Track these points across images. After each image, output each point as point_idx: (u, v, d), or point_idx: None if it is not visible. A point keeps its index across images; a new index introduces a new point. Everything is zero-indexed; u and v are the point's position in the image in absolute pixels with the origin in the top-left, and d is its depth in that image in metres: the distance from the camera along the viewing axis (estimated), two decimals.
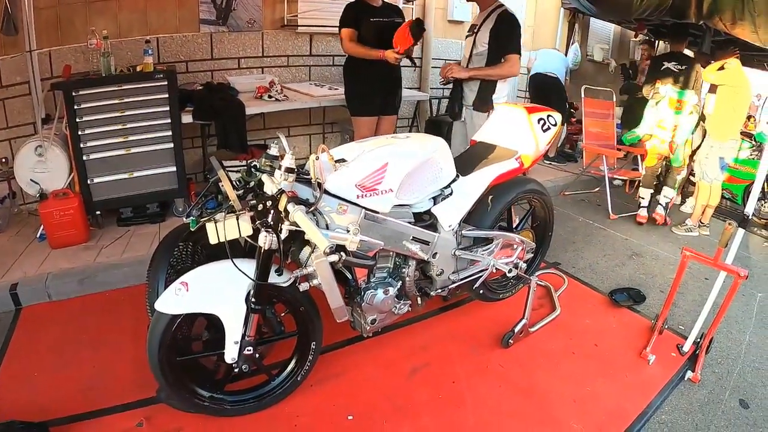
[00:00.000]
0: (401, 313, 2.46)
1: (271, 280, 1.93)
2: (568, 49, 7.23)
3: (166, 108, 3.58)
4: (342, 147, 2.33)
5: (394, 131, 4.09)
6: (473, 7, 4.89)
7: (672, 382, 2.58)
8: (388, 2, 3.90)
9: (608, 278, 3.66)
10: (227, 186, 1.92)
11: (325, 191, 1.97)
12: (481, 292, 2.88)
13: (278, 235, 1.81)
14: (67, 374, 2.36)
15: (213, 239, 1.85)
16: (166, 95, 3.56)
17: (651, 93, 4.93)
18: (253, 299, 1.93)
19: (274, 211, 1.80)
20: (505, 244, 2.79)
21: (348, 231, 1.95)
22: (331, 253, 1.66)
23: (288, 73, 4.99)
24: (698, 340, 2.77)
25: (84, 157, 3.44)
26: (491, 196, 2.69)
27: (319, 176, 1.94)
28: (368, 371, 2.51)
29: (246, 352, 1.99)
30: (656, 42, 7.94)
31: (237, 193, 1.94)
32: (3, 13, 3.25)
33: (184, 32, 4.31)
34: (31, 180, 3.55)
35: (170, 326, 1.88)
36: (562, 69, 6.34)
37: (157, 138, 3.62)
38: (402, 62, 3.68)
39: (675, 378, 2.61)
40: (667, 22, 5.80)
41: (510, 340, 2.73)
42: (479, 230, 2.64)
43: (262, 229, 1.81)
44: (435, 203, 2.44)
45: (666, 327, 2.95)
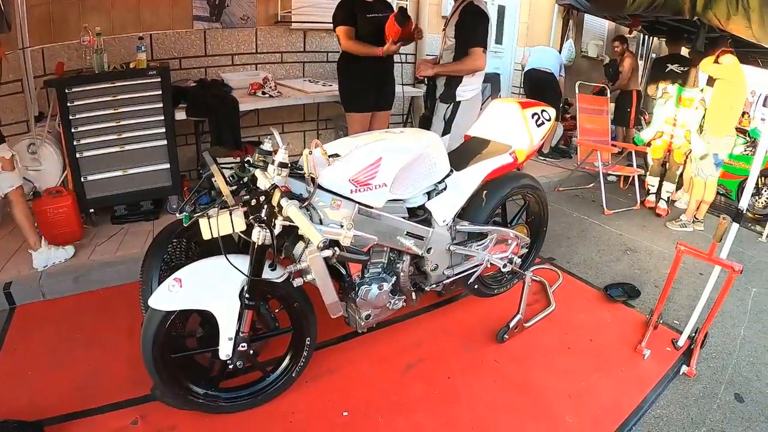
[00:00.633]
0: (396, 309, 2.45)
1: (265, 276, 1.93)
2: (562, 45, 7.24)
3: (160, 105, 3.57)
4: (335, 142, 2.32)
5: (388, 127, 4.08)
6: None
7: (667, 376, 2.59)
8: None
9: (603, 273, 3.67)
10: (220, 181, 1.90)
11: (319, 186, 1.96)
12: (475, 287, 2.88)
13: (272, 231, 1.80)
14: (62, 373, 2.35)
15: (206, 235, 1.83)
16: (159, 92, 3.55)
17: (660, 92, 5.14)
18: (246, 295, 1.92)
19: (267, 206, 1.79)
20: (500, 239, 2.79)
21: (342, 226, 1.94)
22: (324, 248, 1.65)
23: (282, 69, 4.97)
24: (693, 334, 2.78)
25: (77, 155, 3.42)
26: (485, 191, 2.69)
27: (313, 171, 1.93)
28: (363, 367, 2.50)
29: (240, 348, 1.98)
30: (650, 39, 7.98)
31: (230, 188, 1.93)
32: None
33: (178, 29, 4.29)
34: (24, 178, 3.52)
35: (164, 323, 1.87)
36: (557, 65, 6.36)
37: (151, 135, 3.61)
38: (396, 58, 3.67)
39: (670, 372, 2.62)
40: (662, 19, 5.85)
41: (505, 336, 2.73)
42: (474, 225, 2.64)
43: (255, 225, 1.80)
44: (429, 198, 2.44)
45: (661, 322, 2.96)
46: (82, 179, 3.48)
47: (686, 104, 4.85)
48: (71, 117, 3.33)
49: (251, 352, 2.05)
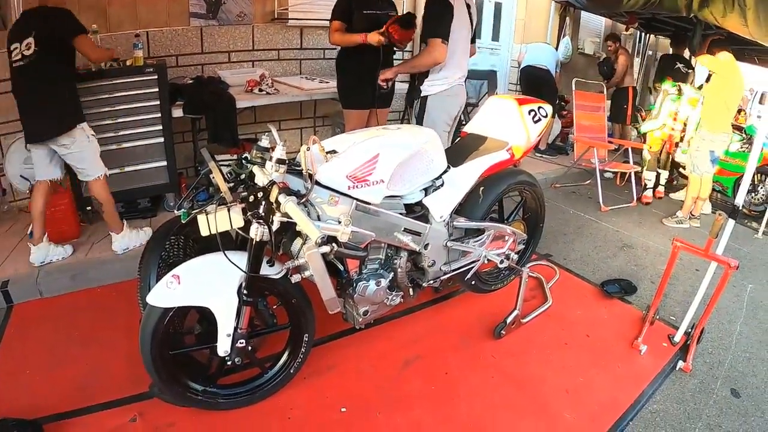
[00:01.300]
0: (393, 305, 2.46)
1: (263, 272, 1.93)
2: (559, 42, 7.24)
3: (157, 102, 3.57)
4: (333, 139, 2.32)
5: (385, 124, 4.08)
6: None
7: (663, 372, 2.60)
8: None
9: (600, 269, 3.69)
10: (218, 178, 1.90)
11: (317, 182, 1.96)
12: (472, 283, 2.89)
13: (270, 227, 1.80)
14: (60, 371, 2.35)
15: (204, 231, 1.83)
16: (156, 89, 3.54)
17: (672, 89, 5.23)
18: (245, 291, 1.92)
19: (265, 203, 1.79)
20: (497, 235, 2.79)
21: (339, 222, 1.95)
22: (322, 244, 1.65)
23: (279, 66, 4.96)
24: (689, 330, 2.79)
25: None
26: (482, 188, 2.70)
27: (310, 167, 1.93)
28: (361, 363, 2.51)
29: (238, 344, 1.98)
30: (647, 36, 7.99)
31: (228, 185, 1.93)
32: None
33: (174, 26, 4.27)
34: (21, 176, 3.52)
35: (162, 320, 1.87)
36: (553, 62, 6.37)
37: (148, 132, 3.60)
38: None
39: (666, 368, 2.63)
40: (659, 17, 5.87)
41: (502, 332, 2.74)
42: (471, 221, 2.65)
43: (253, 221, 1.80)
44: (426, 194, 2.44)
45: (657, 317, 2.98)
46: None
47: (693, 103, 5.02)
48: None
49: (249, 348, 2.05)
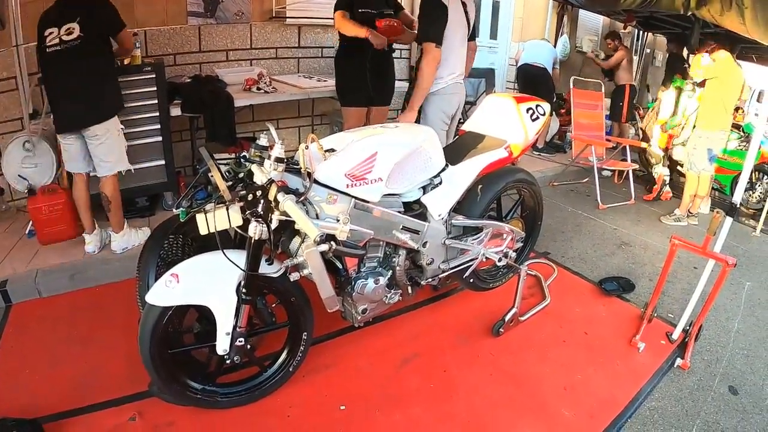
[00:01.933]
0: (392, 303, 2.46)
1: (262, 271, 1.93)
2: (557, 40, 7.25)
3: (155, 101, 3.56)
4: (331, 137, 2.32)
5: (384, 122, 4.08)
6: None
7: (662, 369, 2.61)
8: None
9: (598, 267, 3.69)
10: (217, 176, 1.90)
11: (315, 181, 1.97)
12: (471, 281, 2.89)
13: (268, 225, 1.80)
14: (59, 370, 2.35)
15: (203, 230, 1.84)
16: (154, 88, 3.54)
17: (686, 86, 5.26)
18: (243, 290, 1.92)
19: (263, 201, 1.79)
20: (495, 233, 2.80)
21: (338, 220, 1.95)
22: (321, 242, 1.65)
23: (277, 65, 4.96)
24: (687, 327, 2.79)
25: None
26: (481, 186, 2.70)
27: (309, 166, 1.93)
28: (360, 361, 2.51)
29: (237, 343, 1.98)
30: (645, 34, 7.99)
31: (227, 183, 1.93)
32: None
33: (172, 25, 4.27)
34: (19, 176, 3.51)
35: (161, 319, 1.87)
36: (550, 60, 6.37)
37: (146, 131, 3.60)
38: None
39: (665, 365, 2.64)
40: (656, 15, 5.87)
41: (500, 329, 2.74)
42: (469, 219, 2.65)
43: (252, 219, 1.80)
44: (425, 192, 2.45)
45: (655, 315, 2.98)
46: None
47: (701, 100, 5.02)
48: None
49: (248, 347, 2.05)
